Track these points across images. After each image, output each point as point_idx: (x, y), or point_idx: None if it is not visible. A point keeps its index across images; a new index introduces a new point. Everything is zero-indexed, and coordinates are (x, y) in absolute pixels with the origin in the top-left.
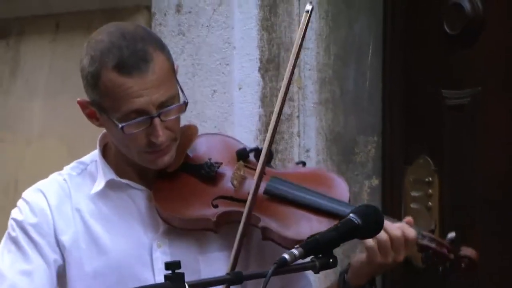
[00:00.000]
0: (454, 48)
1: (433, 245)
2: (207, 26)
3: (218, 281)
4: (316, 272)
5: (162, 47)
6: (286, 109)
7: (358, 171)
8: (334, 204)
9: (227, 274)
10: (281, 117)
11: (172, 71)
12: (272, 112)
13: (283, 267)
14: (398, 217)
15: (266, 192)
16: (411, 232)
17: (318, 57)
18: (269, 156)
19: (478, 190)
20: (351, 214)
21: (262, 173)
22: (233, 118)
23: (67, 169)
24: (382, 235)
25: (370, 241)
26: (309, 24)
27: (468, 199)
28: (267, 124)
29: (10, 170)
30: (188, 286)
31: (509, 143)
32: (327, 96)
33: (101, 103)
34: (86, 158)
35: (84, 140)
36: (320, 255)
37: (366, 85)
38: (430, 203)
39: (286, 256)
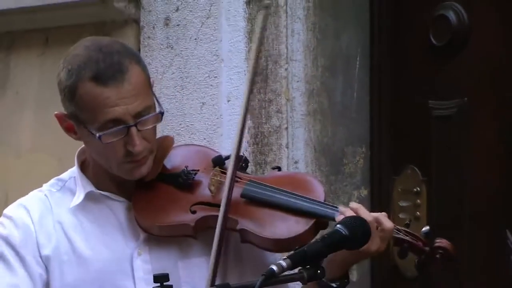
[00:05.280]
0: (440, 59)
1: (408, 238)
2: (195, 39)
3: None
4: (304, 283)
5: (138, 60)
6: (275, 121)
7: (347, 181)
8: (310, 203)
9: (215, 286)
10: (270, 128)
11: (148, 83)
12: (260, 124)
13: (271, 279)
14: None
15: (243, 195)
16: (389, 222)
17: (306, 69)
18: (244, 162)
19: (466, 199)
20: (338, 225)
21: (234, 173)
22: (222, 130)
23: (46, 186)
24: None
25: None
26: (297, 37)
27: (455, 208)
28: (256, 136)
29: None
30: None
31: (495, 153)
32: (315, 107)
33: (79, 116)
34: (64, 175)
35: (74, 153)
36: (308, 266)
37: (353, 96)
38: (418, 213)
39: (274, 267)
